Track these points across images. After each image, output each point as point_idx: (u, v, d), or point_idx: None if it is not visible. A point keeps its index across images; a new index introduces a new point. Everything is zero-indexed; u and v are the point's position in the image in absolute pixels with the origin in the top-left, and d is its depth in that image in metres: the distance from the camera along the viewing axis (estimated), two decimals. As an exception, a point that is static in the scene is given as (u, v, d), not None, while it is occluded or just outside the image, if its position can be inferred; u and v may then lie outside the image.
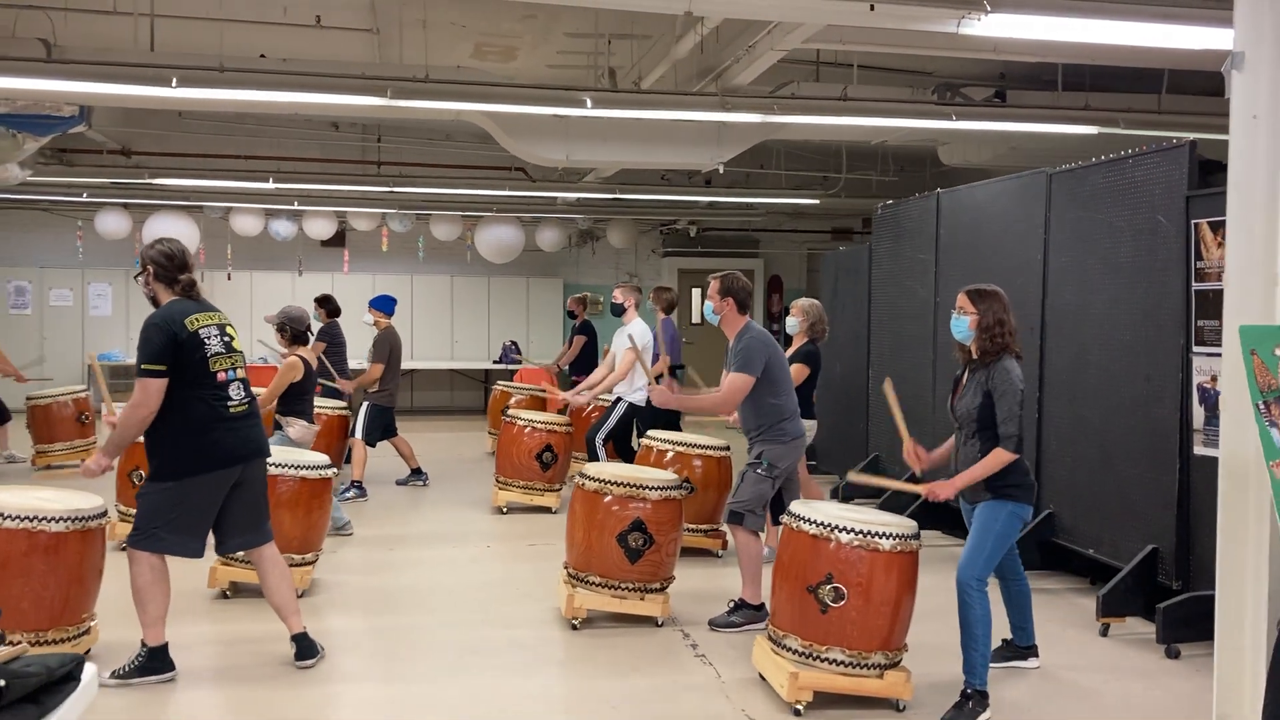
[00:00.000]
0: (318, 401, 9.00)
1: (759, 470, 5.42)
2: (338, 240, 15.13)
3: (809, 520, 4.50)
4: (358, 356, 12.50)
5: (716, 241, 16.58)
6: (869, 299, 8.82)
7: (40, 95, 7.82)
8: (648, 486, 5.44)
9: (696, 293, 16.23)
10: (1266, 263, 3.33)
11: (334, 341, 9.94)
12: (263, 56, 8.76)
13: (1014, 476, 4.48)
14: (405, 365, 14.92)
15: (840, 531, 4.41)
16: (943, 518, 6.99)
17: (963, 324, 4.60)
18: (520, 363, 14.49)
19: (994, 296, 4.57)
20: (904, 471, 6.59)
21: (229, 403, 4.58)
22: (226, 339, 4.67)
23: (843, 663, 4.39)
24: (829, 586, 4.39)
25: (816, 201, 13.75)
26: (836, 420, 9.26)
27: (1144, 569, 5.52)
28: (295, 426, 6.91)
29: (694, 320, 16.03)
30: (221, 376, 4.58)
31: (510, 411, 8.57)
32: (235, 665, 4.87)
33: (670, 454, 6.98)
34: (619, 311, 8.34)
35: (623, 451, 8.24)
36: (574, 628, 5.42)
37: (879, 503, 7.99)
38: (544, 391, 10.95)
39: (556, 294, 15.78)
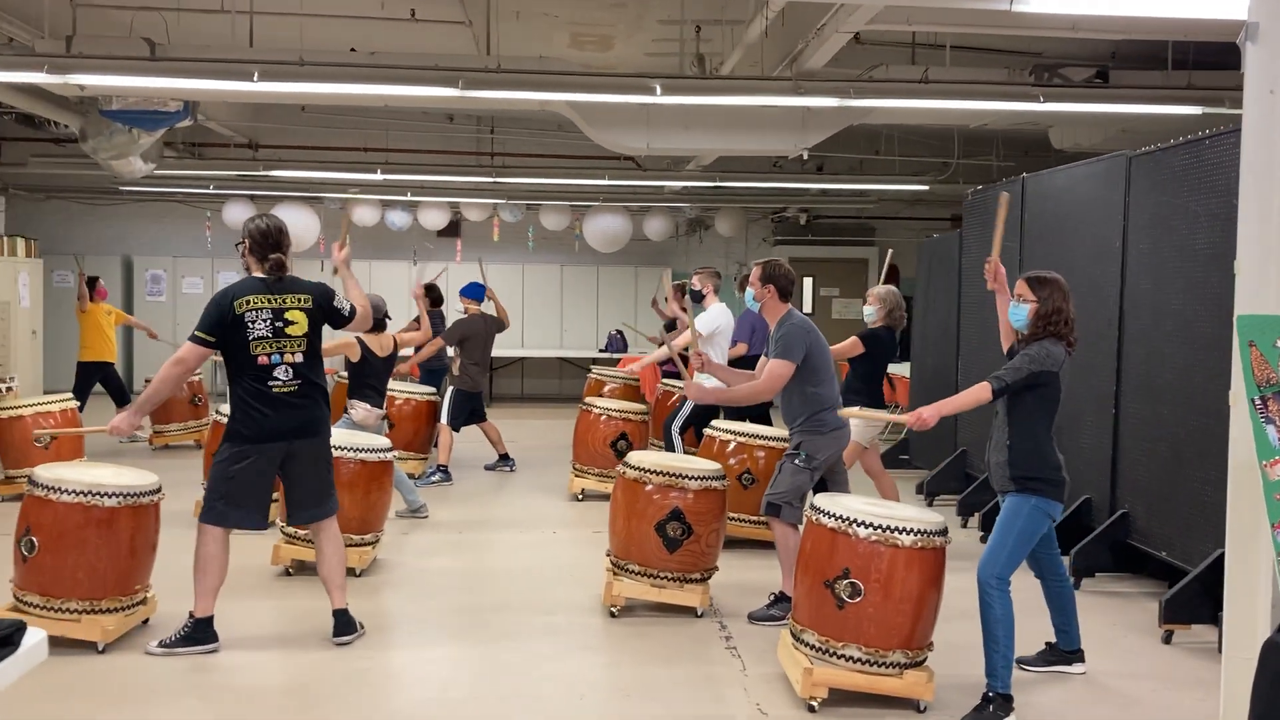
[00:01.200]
0: (409, 387, 9.28)
1: (797, 461, 5.32)
2: (452, 230, 15.48)
3: (828, 513, 4.41)
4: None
5: (829, 229, 16.30)
6: (959, 289, 8.55)
7: (140, 91, 8.20)
8: (687, 476, 5.41)
9: (809, 281, 16.02)
10: (1285, 248, 3.10)
11: (434, 330, 10.17)
12: (353, 50, 9.00)
13: (1042, 470, 4.30)
14: (515, 353, 15.31)
15: (858, 525, 4.30)
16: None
17: (1022, 312, 4.45)
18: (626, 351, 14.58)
19: (1054, 284, 4.41)
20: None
21: (271, 384, 4.75)
22: (280, 324, 4.80)
23: (860, 660, 4.29)
24: (846, 581, 4.29)
25: (926, 188, 13.38)
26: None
27: (1212, 574, 5.19)
28: (359, 409, 7.11)
29: (805, 311, 15.83)
30: (263, 360, 4.75)
31: (587, 399, 8.63)
32: (276, 639, 5.04)
33: (733, 444, 6.92)
34: (698, 298, 8.31)
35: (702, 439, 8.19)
36: (612, 615, 5.44)
37: (959, 499, 7.80)
38: (636, 380, 10.97)
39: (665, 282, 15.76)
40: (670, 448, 8.09)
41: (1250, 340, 2.86)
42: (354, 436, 6.31)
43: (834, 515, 4.38)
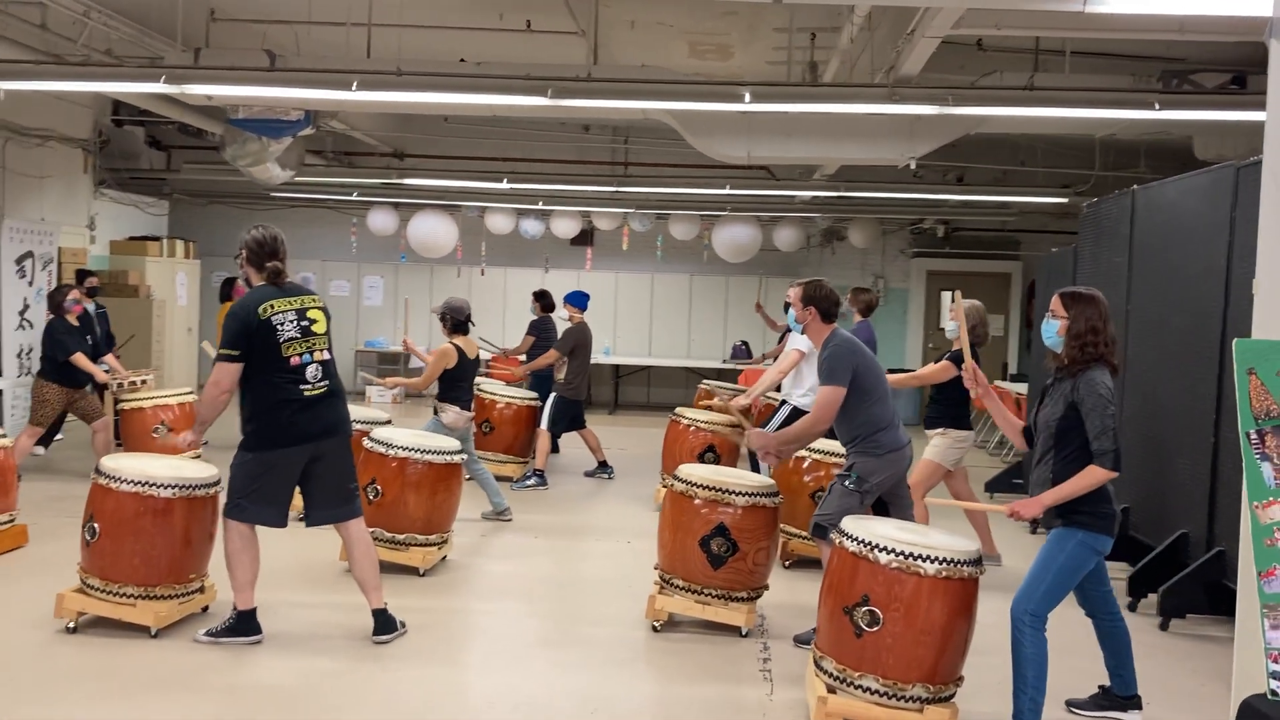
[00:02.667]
0: (510, 392, 9.41)
1: (847, 483, 5.11)
2: (585, 239, 15.64)
3: (851, 537, 4.23)
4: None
5: (970, 242, 15.74)
6: (1072, 306, 8.09)
7: (252, 100, 8.58)
8: (734, 492, 5.28)
9: (946, 296, 15.49)
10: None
11: (545, 335, 10.30)
12: (462, 61, 9.20)
13: (1089, 503, 4.00)
14: (643, 361, 15.35)
15: (880, 551, 4.11)
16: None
17: (1052, 329, 4.19)
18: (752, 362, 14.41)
19: (1089, 301, 4.13)
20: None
21: (302, 385, 4.86)
22: (305, 324, 4.94)
23: (877, 691, 4.09)
24: (865, 609, 4.11)
25: (1065, 200, 12.77)
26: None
27: (1302, 624, 4.75)
28: (449, 412, 7.23)
29: (941, 327, 15.30)
30: (295, 360, 4.87)
31: (677, 410, 8.56)
32: (318, 635, 5.15)
33: (807, 461, 6.74)
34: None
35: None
36: (655, 630, 5.36)
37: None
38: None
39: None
40: (754, 465, 7.94)
41: (1250, 367, 2.59)
42: (423, 438, 6.41)
43: (856, 539, 4.20)
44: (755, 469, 7.92)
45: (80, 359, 8.11)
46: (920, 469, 6.64)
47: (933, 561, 4.05)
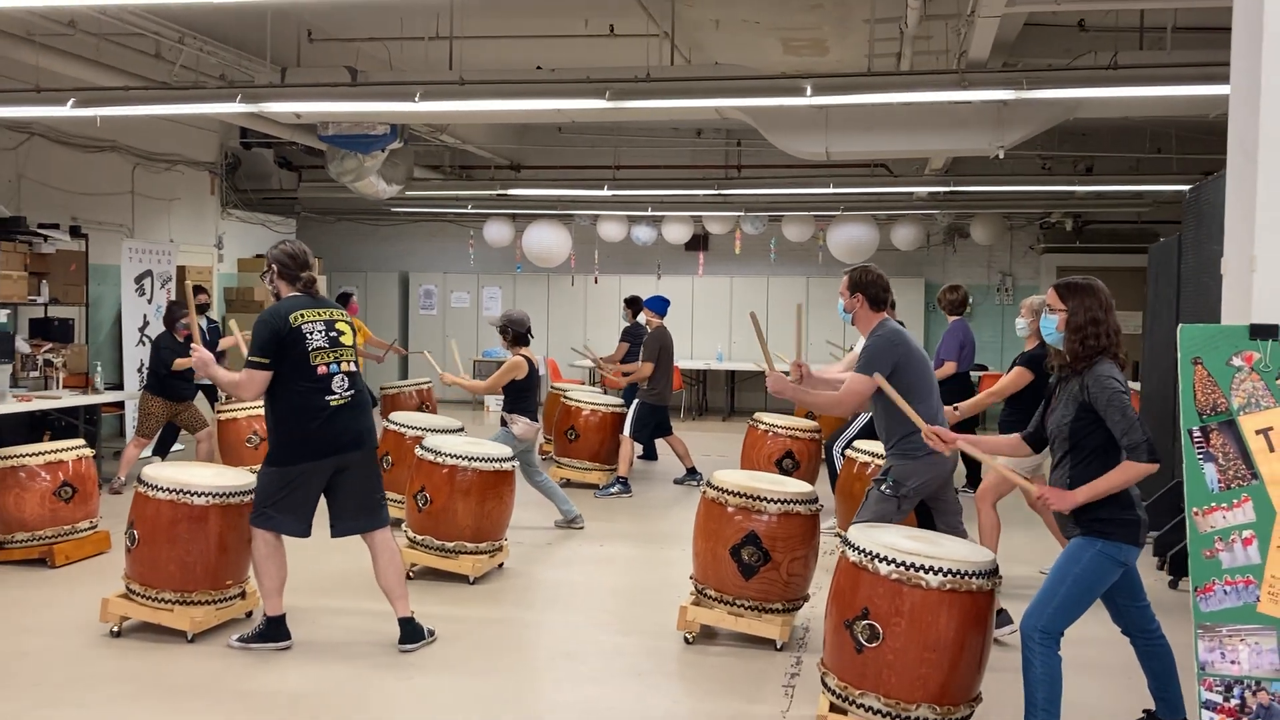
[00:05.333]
0: (595, 398, 9.36)
1: (883, 488, 4.82)
2: (698, 243, 15.51)
3: (853, 546, 3.98)
4: (682, 356, 12.81)
5: (1104, 236, 14.91)
6: (1176, 299, 7.54)
7: (328, 116, 8.78)
8: (766, 499, 5.06)
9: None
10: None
11: (637, 341, 10.23)
12: (539, 69, 9.21)
13: (1108, 508, 3.64)
14: (759, 367, 15.08)
15: (880, 561, 3.85)
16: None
17: (1051, 324, 3.87)
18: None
19: (1088, 291, 3.78)
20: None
21: (329, 395, 4.88)
22: (333, 335, 4.97)
23: (879, 711, 3.84)
24: (864, 623, 3.86)
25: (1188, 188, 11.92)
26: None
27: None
28: (519, 423, 7.20)
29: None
30: (322, 370, 4.89)
31: (755, 414, 8.33)
32: (346, 642, 5.18)
33: (871, 466, 6.45)
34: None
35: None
36: (688, 642, 5.19)
37: (1158, 536, 6.86)
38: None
39: (918, 294, 15.02)
40: (831, 469, 7.66)
41: (1195, 356, 2.28)
42: (473, 445, 6.41)
43: (857, 548, 3.95)
44: (833, 473, 7.67)
45: (180, 362, 8.40)
46: (991, 475, 6.25)
47: (936, 573, 3.77)
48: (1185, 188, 12.36)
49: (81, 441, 6.81)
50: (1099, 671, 4.80)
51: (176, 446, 10.20)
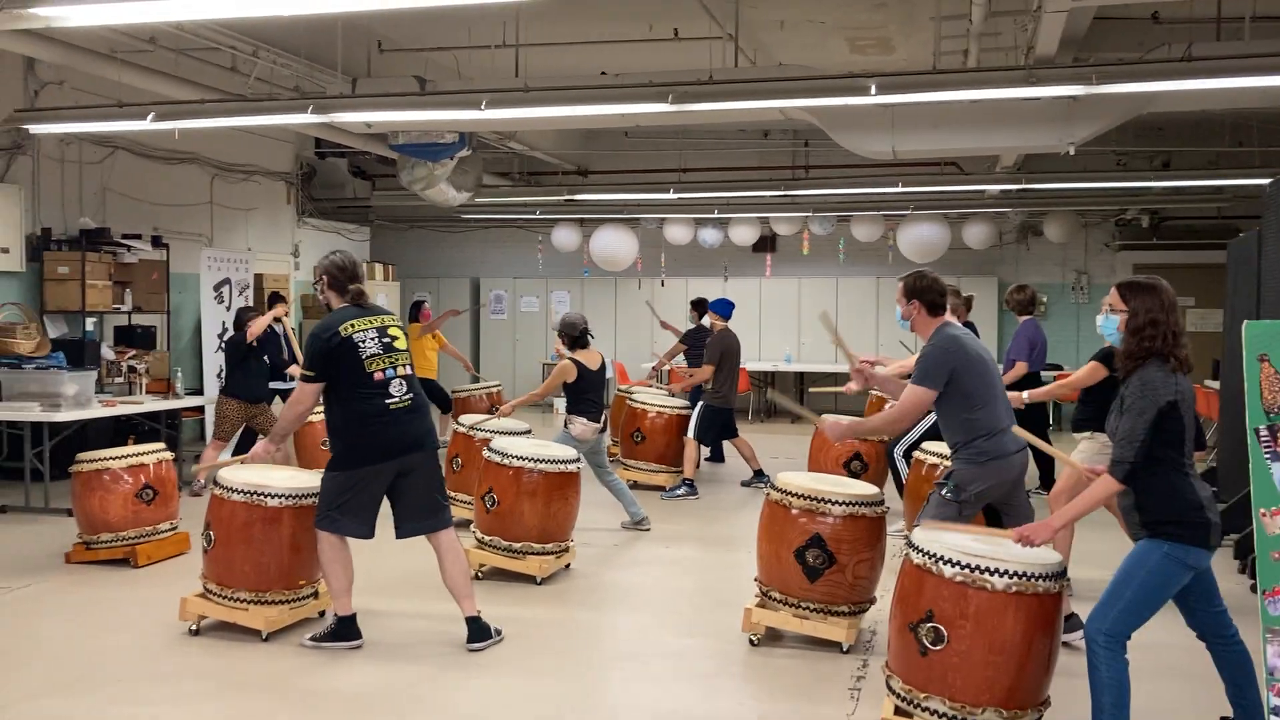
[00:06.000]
0: (661, 400, 9.39)
1: (944, 492, 4.75)
2: (765, 245, 15.47)
3: (917, 548, 3.95)
4: (750, 358, 12.80)
5: (1182, 232, 14.56)
6: (1257, 296, 7.34)
7: (397, 125, 8.93)
8: (831, 501, 5.04)
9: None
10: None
11: (697, 344, 10.24)
12: (604, 74, 9.26)
13: (1177, 509, 3.57)
14: (829, 369, 14.99)
15: (944, 563, 3.82)
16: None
17: (1111, 324, 3.80)
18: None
19: (1151, 291, 3.70)
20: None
21: (388, 400, 4.97)
22: (387, 340, 5.05)
23: (944, 715, 3.81)
24: (928, 625, 3.83)
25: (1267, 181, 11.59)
26: (1235, 445, 7.77)
27: None
28: (577, 424, 7.27)
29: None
30: (379, 376, 4.98)
31: (824, 416, 8.26)
32: (416, 641, 5.26)
33: (940, 468, 6.37)
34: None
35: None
36: (753, 644, 5.19)
37: (1238, 539, 6.68)
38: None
39: (991, 294, 14.80)
40: (895, 473, 7.60)
41: (1262, 353, 2.24)
42: (540, 447, 6.47)
43: (921, 550, 3.92)
44: (896, 476, 7.60)
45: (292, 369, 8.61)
46: (1065, 475, 6.15)
47: (1002, 575, 3.72)
48: (1266, 181, 12.05)
49: (162, 445, 7.01)
50: (1177, 676, 4.70)
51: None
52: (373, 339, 4.99)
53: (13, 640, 5.11)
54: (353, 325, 4.98)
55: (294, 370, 8.98)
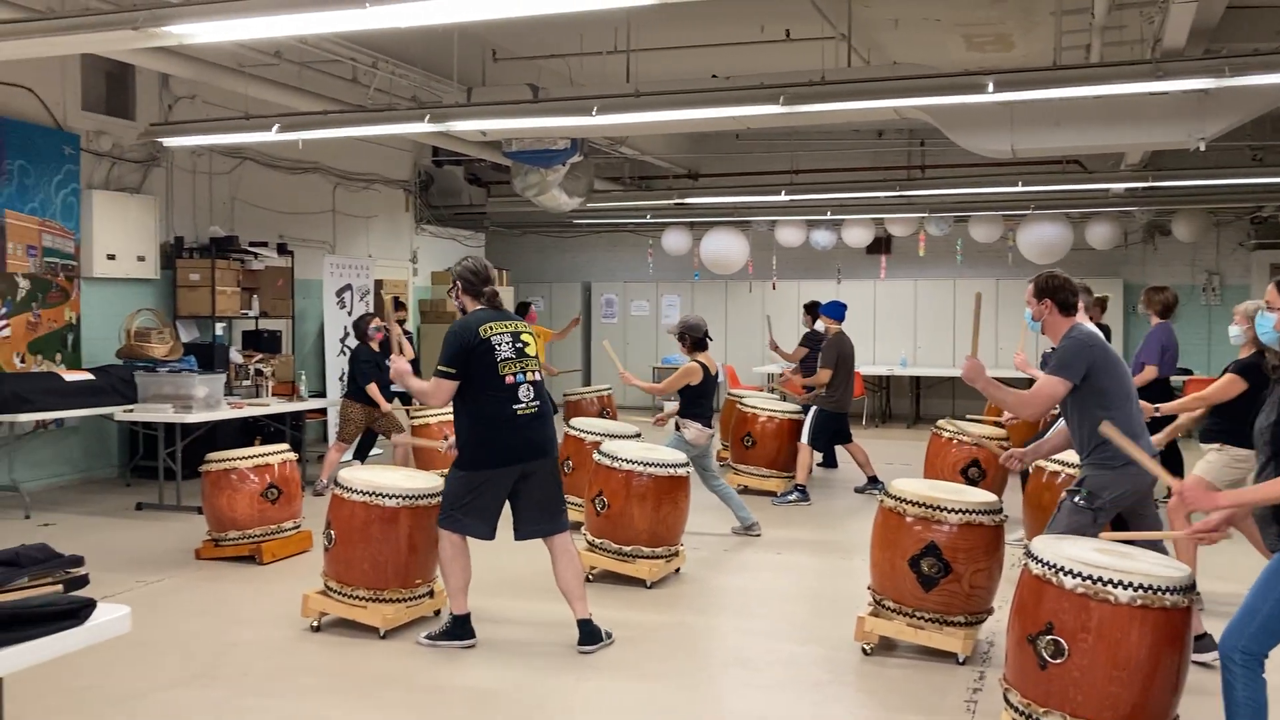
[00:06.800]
0: (773, 405, 9.33)
1: (1077, 499, 4.59)
2: (880, 246, 15.25)
3: (1037, 558, 3.84)
4: (864, 362, 12.61)
5: (1323, 229, 13.89)
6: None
7: (512, 132, 9.05)
8: (947, 509, 4.94)
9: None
10: None
11: (816, 347, 10.14)
12: (714, 77, 9.24)
13: (1316, 518, 3.40)
14: (945, 373, 14.71)
15: (1065, 574, 3.70)
16: None
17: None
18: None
19: None
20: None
21: (516, 404, 5.04)
22: (519, 346, 5.13)
23: (1065, 732, 3.68)
24: (1048, 638, 3.71)
25: None
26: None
27: None
28: (691, 429, 7.26)
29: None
30: (509, 380, 5.05)
31: (939, 422, 8.12)
32: (529, 642, 5.32)
33: (1062, 476, 6.19)
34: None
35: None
36: (865, 653, 5.11)
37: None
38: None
39: (1116, 295, 14.29)
40: (1024, 479, 7.38)
41: None
42: (650, 451, 6.49)
43: (1041, 560, 3.81)
44: (1026, 484, 7.39)
45: (372, 389, 8.87)
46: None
47: (1127, 588, 3.59)
48: None
49: (286, 446, 7.23)
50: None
51: (375, 451, 10.72)
52: (507, 343, 5.08)
53: (147, 632, 5.33)
54: (490, 328, 5.07)
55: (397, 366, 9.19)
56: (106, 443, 9.99)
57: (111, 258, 9.66)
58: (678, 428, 7.38)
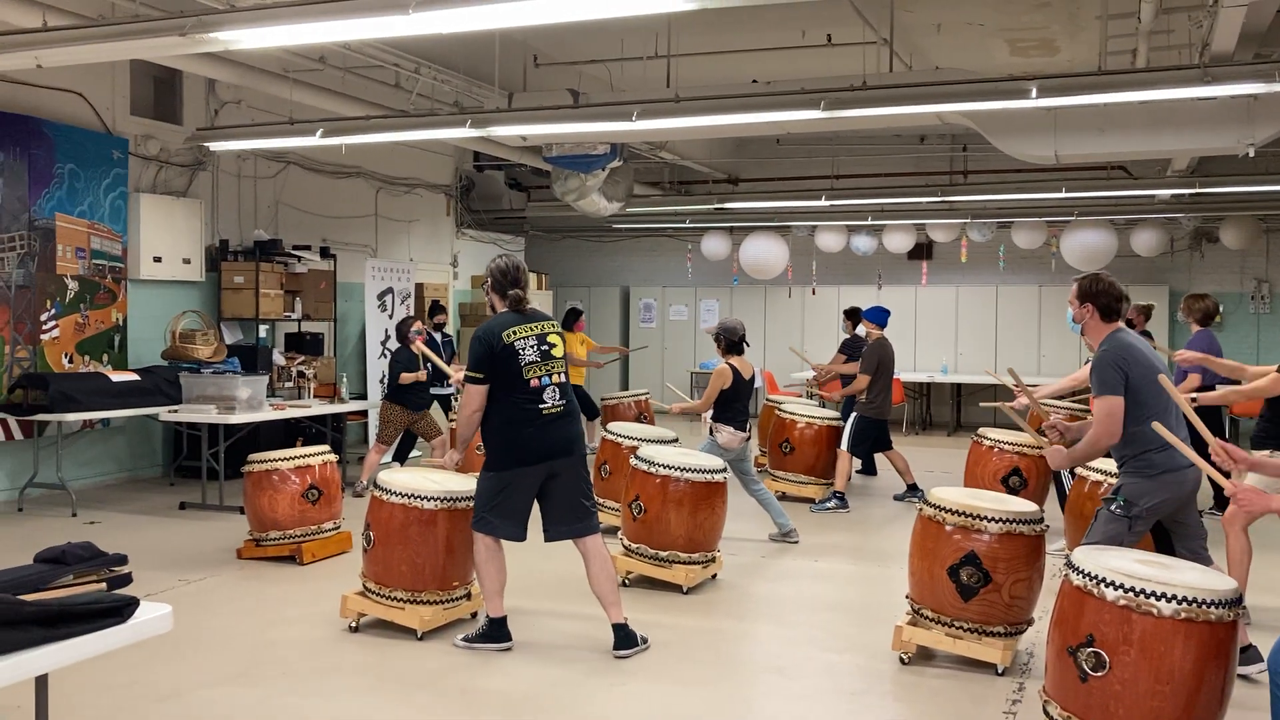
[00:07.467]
0: (812, 411, 9.29)
1: (1113, 508, 4.55)
2: (921, 252, 15.14)
3: (1077, 569, 3.79)
4: (905, 368, 12.50)
5: (1377, 237, 13.62)
6: None
7: (552, 138, 9.08)
8: (987, 518, 4.89)
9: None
10: None
11: (856, 354, 10.09)
12: (754, 82, 9.23)
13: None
14: (987, 380, 14.56)
15: (1107, 586, 3.65)
16: None
17: None
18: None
19: None
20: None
21: (541, 406, 5.07)
22: (545, 348, 5.15)
23: (1105, 746, 3.63)
24: (1089, 650, 3.67)
25: None
26: None
27: None
28: (723, 432, 7.25)
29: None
30: (535, 383, 5.08)
31: (980, 430, 8.05)
32: (565, 645, 5.32)
33: (1104, 485, 6.12)
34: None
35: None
36: (903, 662, 5.07)
37: None
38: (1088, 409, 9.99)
39: (1162, 303, 14.10)
40: (1060, 488, 7.31)
41: None
42: (686, 456, 6.47)
43: (1082, 571, 3.76)
44: (1061, 491, 7.32)
45: (404, 376, 8.94)
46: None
47: (1170, 600, 3.54)
48: None
49: (327, 447, 7.30)
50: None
51: (414, 453, 10.78)
52: (532, 347, 5.10)
53: (189, 630, 5.39)
54: (514, 332, 5.09)
55: (455, 376, 9.22)
56: (151, 443, 10.13)
57: (158, 260, 9.81)
58: (711, 432, 7.37)
